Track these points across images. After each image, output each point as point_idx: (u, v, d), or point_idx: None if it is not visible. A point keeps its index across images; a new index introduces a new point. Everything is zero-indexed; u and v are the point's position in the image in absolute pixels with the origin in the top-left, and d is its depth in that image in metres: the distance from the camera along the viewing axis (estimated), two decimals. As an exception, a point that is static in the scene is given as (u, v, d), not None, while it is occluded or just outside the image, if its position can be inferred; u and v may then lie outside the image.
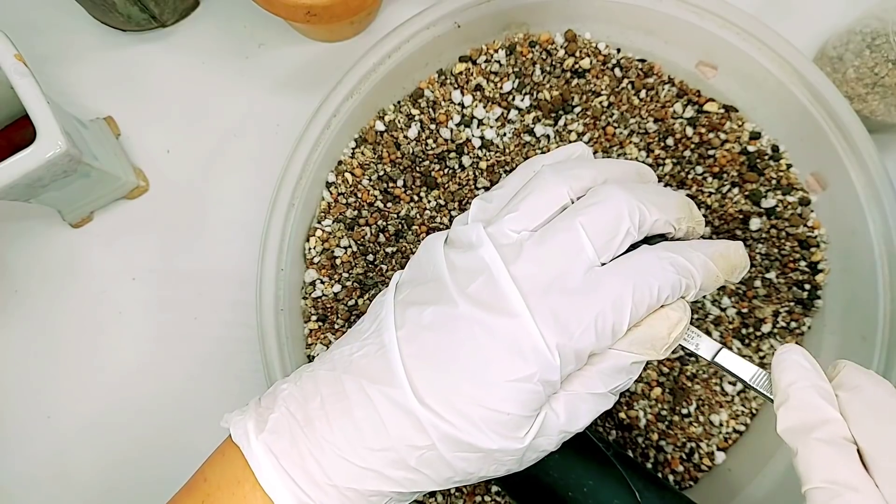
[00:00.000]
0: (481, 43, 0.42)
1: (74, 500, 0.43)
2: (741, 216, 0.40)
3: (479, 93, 0.42)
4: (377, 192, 0.41)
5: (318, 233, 0.41)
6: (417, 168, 0.42)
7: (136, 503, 0.42)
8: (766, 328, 0.40)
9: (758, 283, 0.40)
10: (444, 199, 0.41)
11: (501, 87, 0.42)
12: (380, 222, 0.41)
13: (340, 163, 0.42)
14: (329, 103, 0.39)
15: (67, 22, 0.46)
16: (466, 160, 0.41)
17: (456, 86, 0.42)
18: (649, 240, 0.27)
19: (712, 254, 0.27)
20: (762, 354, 0.40)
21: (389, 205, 0.41)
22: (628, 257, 0.26)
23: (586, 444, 0.33)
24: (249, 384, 0.43)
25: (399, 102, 0.42)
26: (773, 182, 0.40)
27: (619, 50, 0.42)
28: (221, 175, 0.45)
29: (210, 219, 0.45)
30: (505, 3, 0.40)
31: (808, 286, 0.40)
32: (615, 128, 0.41)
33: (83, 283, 0.44)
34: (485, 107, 0.42)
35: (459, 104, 0.42)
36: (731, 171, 0.41)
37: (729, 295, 0.40)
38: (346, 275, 0.41)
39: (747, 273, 0.30)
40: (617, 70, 0.42)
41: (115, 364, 0.44)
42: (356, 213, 0.41)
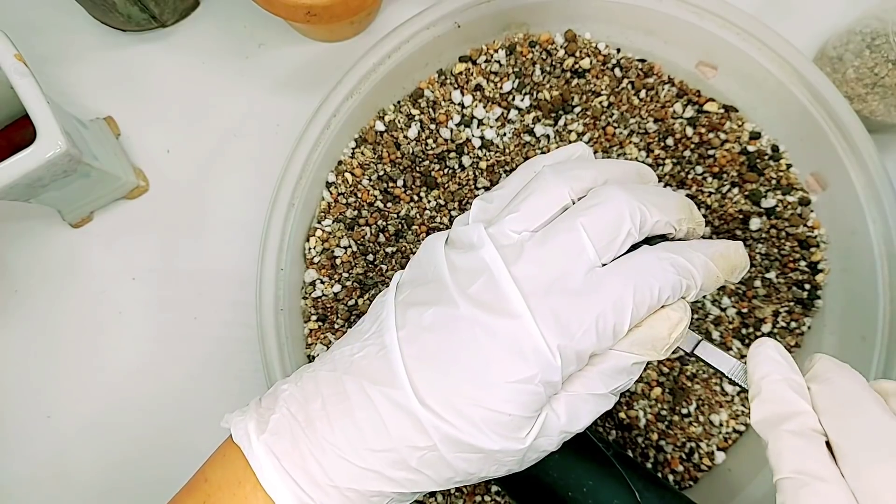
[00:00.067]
0: (481, 43, 0.42)
1: (74, 500, 0.43)
2: (741, 216, 0.40)
3: (479, 93, 0.42)
4: (377, 192, 0.41)
5: (318, 233, 0.41)
6: (417, 168, 0.42)
7: (137, 503, 0.42)
8: (766, 328, 0.40)
9: (758, 283, 0.40)
10: (444, 199, 0.41)
11: (501, 87, 0.42)
12: (380, 222, 0.41)
13: (340, 163, 0.42)
14: (329, 103, 0.39)
15: (67, 22, 0.46)
16: (466, 160, 0.41)
17: (456, 86, 0.42)
18: (649, 240, 0.27)
19: (712, 254, 0.27)
20: (762, 354, 0.40)
21: (389, 205, 0.41)
22: (629, 258, 0.26)
23: (586, 444, 0.33)
24: (249, 384, 0.43)
25: (399, 102, 0.42)
26: (773, 182, 0.40)
27: (619, 50, 0.42)
28: (221, 175, 0.45)
29: (210, 219, 0.45)
30: (505, 3, 0.40)
31: (807, 286, 0.40)
32: (615, 128, 0.41)
33: (83, 283, 0.44)
34: (485, 107, 0.42)
35: (459, 104, 0.42)
36: (730, 171, 0.41)
37: (729, 295, 0.40)
38: (346, 275, 0.41)
39: (747, 273, 0.30)
40: (617, 70, 0.42)
41: (115, 364, 0.44)
42: (356, 213, 0.41)
